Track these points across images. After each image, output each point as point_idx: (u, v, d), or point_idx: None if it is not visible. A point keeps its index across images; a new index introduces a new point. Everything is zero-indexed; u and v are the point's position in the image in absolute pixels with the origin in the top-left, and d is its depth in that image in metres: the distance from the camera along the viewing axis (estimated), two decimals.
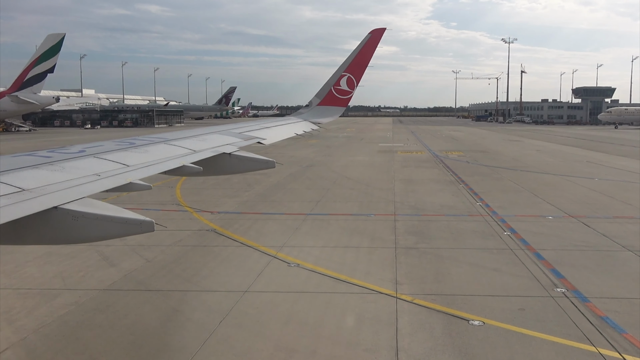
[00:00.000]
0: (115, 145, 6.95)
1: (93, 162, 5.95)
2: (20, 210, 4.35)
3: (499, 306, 10.31)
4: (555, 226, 17.25)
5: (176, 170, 6.60)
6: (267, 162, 8.18)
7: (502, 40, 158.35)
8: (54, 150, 6.31)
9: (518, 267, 12.77)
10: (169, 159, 6.77)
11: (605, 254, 14.00)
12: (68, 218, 4.68)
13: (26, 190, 4.70)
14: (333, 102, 12.25)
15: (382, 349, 8.50)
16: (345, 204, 21.53)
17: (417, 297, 10.73)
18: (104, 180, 5.45)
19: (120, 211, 4.95)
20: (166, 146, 7.47)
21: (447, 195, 23.28)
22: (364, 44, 11.80)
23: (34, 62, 74.55)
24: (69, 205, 4.70)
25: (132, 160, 6.30)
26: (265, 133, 10.16)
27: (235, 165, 7.94)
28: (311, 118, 12.38)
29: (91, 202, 4.92)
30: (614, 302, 10.52)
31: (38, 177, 5.09)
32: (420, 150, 48.77)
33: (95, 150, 6.49)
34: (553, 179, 29.17)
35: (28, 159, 5.68)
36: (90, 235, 4.96)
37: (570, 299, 10.60)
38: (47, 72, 75.62)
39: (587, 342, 8.67)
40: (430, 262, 13.25)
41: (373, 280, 11.79)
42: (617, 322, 9.49)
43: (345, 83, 11.96)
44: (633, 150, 49.30)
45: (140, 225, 4.93)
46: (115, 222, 4.87)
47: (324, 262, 13.23)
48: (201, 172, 6.93)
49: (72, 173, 5.40)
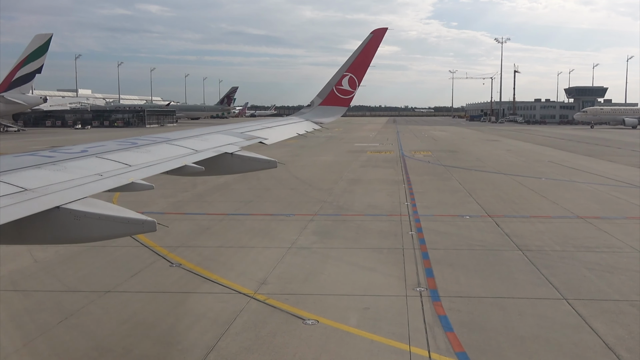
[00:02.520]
0: (117, 145, 6.96)
1: (95, 162, 5.95)
2: (23, 210, 4.34)
3: (346, 305, 10.38)
4: (465, 226, 17.30)
5: (178, 170, 6.59)
6: (269, 161, 8.16)
7: (495, 40, 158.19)
8: (57, 150, 6.31)
9: (395, 266, 12.82)
10: (171, 158, 6.76)
11: (492, 253, 14.05)
12: (70, 218, 4.67)
13: (28, 190, 4.68)
14: (335, 102, 12.27)
15: (197, 348, 8.56)
16: (274, 204, 21.58)
17: (272, 297, 10.79)
18: (106, 180, 5.43)
19: (122, 211, 4.95)
20: (168, 146, 7.45)
21: (381, 196, 23.32)
22: (365, 44, 11.79)
23: (21, 62, 74.77)
24: (71, 205, 4.68)
25: (134, 160, 6.29)
26: (267, 133, 10.09)
27: (237, 165, 7.94)
28: (313, 118, 12.37)
29: (93, 201, 4.90)
30: (463, 301, 10.57)
31: (40, 177, 5.08)
32: (391, 150, 48.79)
33: (98, 150, 6.47)
34: (501, 178, 29.18)
35: (30, 159, 5.67)
36: (92, 235, 4.95)
37: (421, 298, 10.66)
38: (35, 73, 75.82)
39: (405, 341, 8.72)
40: (312, 262, 13.31)
41: (241, 280, 11.86)
42: (451, 321, 9.54)
43: (347, 83, 11.97)
44: (602, 150, 49.30)
45: (143, 225, 4.95)
46: (118, 222, 4.86)
47: (208, 262, 13.32)
48: (203, 172, 6.92)
49: (75, 173, 5.38)
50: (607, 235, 15.90)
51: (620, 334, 8.97)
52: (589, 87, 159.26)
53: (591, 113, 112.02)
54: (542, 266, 12.78)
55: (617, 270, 12.48)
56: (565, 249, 14.39)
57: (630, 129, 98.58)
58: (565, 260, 13.33)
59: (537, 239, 15.40)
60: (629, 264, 12.96)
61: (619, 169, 33.30)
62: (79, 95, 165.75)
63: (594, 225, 17.13)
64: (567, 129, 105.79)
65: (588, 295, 10.87)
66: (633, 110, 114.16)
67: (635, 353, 8.32)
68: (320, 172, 32.42)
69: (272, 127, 10.97)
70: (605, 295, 10.86)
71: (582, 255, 13.74)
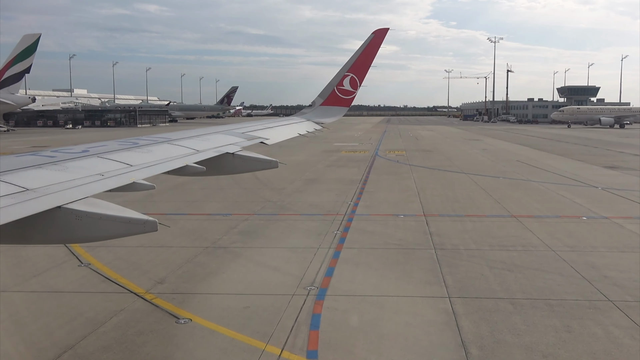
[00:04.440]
0: (119, 145, 6.99)
1: (97, 162, 5.97)
2: (24, 210, 4.34)
3: (228, 305, 10.44)
4: (395, 225, 17.36)
5: (179, 170, 6.62)
6: (271, 162, 8.19)
7: (489, 40, 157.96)
8: (58, 150, 6.32)
9: (300, 265, 12.88)
10: (173, 158, 6.78)
11: (405, 252, 14.11)
12: (72, 218, 4.68)
13: (30, 190, 4.68)
14: (336, 102, 12.33)
15: (56, 347, 8.61)
16: (218, 204, 21.63)
17: (160, 296, 10.86)
18: (107, 180, 5.44)
19: (123, 211, 4.96)
20: (169, 146, 7.47)
21: (330, 195, 23.36)
22: (367, 44, 11.82)
23: (9, 62, 74.98)
24: (73, 205, 4.69)
25: (136, 160, 6.30)
26: (268, 133, 10.14)
27: (238, 165, 7.96)
28: (314, 118, 12.43)
29: (95, 201, 4.91)
30: (347, 299, 10.63)
31: (42, 177, 5.09)
32: (366, 150, 48.83)
33: (99, 150, 6.49)
34: (459, 178, 29.22)
35: (32, 159, 5.69)
36: (93, 235, 4.97)
37: (307, 297, 10.71)
38: (24, 72, 76.22)
39: (264, 340, 8.78)
40: (220, 261, 13.37)
41: (140, 280, 11.93)
42: (322, 319, 9.62)
43: (348, 83, 12.03)
44: (577, 149, 49.45)
45: (144, 225, 4.96)
46: (119, 222, 4.87)
47: (118, 262, 13.36)
48: (204, 172, 6.93)
49: (76, 173, 5.38)
50: (529, 234, 15.95)
51: (483, 332, 9.03)
52: (581, 87, 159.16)
53: (568, 112, 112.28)
54: (446, 265, 12.84)
55: (518, 269, 12.54)
56: (480, 248, 14.45)
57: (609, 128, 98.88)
58: (473, 259, 13.39)
59: (458, 238, 15.46)
60: (532, 263, 13.02)
61: (582, 168, 33.34)
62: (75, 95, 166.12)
63: (522, 224, 17.19)
64: (556, 128, 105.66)
65: (474, 293, 10.93)
66: (610, 109, 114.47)
67: (486, 350, 8.38)
68: (283, 171, 32.28)
69: (273, 127, 11.03)
70: (491, 294, 10.91)
71: (492, 254, 13.80)
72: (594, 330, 9.11)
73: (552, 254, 13.81)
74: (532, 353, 8.30)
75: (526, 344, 8.58)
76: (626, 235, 15.79)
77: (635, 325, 9.31)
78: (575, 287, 11.34)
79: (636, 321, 9.48)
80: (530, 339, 8.78)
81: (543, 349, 8.43)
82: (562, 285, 11.40)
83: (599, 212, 19.21)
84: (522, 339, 8.78)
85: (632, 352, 8.37)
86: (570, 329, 9.16)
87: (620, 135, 76.71)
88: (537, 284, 11.51)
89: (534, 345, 8.54)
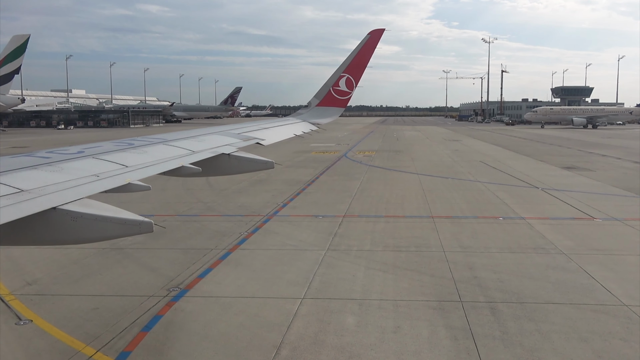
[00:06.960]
0: (114, 145, 7.00)
1: (92, 163, 5.99)
2: (19, 211, 4.33)
3: (79, 306, 10.47)
4: (307, 226, 17.39)
5: (175, 170, 6.65)
6: (266, 162, 8.24)
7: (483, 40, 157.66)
8: (53, 151, 6.33)
9: (180, 267, 12.90)
10: (168, 159, 6.80)
11: (295, 253, 14.12)
12: (67, 219, 4.68)
13: (25, 191, 4.69)
14: (332, 103, 12.36)
15: None
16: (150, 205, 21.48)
17: (20, 297, 10.92)
18: (102, 181, 5.46)
19: (119, 212, 4.97)
20: (165, 147, 7.48)
21: (265, 196, 23.37)
22: (362, 44, 11.86)
23: None
24: (68, 206, 4.69)
25: (131, 161, 6.33)
26: (264, 134, 10.20)
27: (234, 166, 8.01)
28: (310, 119, 12.48)
29: (90, 202, 4.92)
30: (202, 301, 10.70)
31: (37, 178, 5.10)
32: (337, 151, 48.84)
33: (94, 151, 6.50)
34: (407, 179, 29.23)
35: (27, 160, 5.70)
36: (89, 236, 5.00)
37: (163, 299, 10.75)
38: (14, 73, 76.75)
39: (87, 341, 8.82)
40: (105, 263, 13.39)
41: (13, 280, 11.97)
42: (162, 321, 9.68)
43: (344, 84, 12.06)
44: (547, 150, 49.61)
45: (139, 226, 4.97)
46: (114, 223, 4.88)
47: (3, 261, 13.44)
48: (200, 172, 6.96)
49: (71, 174, 5.39)
50: (434, 235, 15.97)
51: (309, 333, 9.05)
52: (574, 87, 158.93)
53: (541, 113, 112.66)
54: (326, 266, 12.88)
55: (395, 270, 12.58)
56: (373, 249, 14.48)
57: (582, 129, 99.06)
58: (357, 260, 13.42)
59: (358, 239, 15.48)
60: (413, 264, 13.01)
61: (538, 169, 33.33)
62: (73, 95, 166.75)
63: (434, 225, 17.20)
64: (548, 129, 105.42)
65: (327, 294, 10.96)
66: (583, 110, 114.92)
67: (297, 351, 8.41)
68: None
69: (269, 128, 11.06)
70: (345, 295, 10.94)
71: (380, 255, 13.83)
72: (419, 332, 9.12)
73: (440, 254, 13.83)
74: (342, 354, 8.32)
75: (342, 345, 8.60)
76: (527, 236, 15.78)
77: (467, 327, 9.32)
78: (436, 288, 11.35)
79: (470, 322, 9.49)
80: (350, 339, 8.80)
81: (357, 350, 8.45)
82: (424, 287, 11.42)
83: (520, 212, 19.20)
84: (343, 339, 8.80)
85: (441, 353, 8.40)
86: (398, 330, 9.18)
87: (604, 135, 76.47)
88: (403, 285, 11.54)
89: (348, 347, 8.56)
